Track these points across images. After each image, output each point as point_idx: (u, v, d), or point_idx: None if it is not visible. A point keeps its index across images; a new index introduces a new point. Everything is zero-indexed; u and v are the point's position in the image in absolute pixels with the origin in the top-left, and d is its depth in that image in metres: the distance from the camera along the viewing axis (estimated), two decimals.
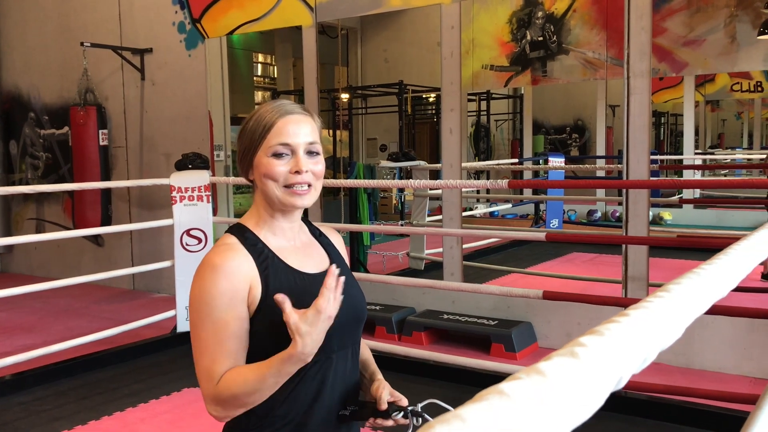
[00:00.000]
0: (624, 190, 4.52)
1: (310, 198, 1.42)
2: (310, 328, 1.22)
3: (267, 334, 1.35)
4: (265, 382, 1.27)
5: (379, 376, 1.52)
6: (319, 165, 1.42)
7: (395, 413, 1.39)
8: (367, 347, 1.61)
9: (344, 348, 1.44)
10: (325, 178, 1.51)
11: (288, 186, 1.40)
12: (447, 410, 1.32)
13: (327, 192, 7.49)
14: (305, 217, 1.54)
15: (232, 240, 1.41)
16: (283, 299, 1.24)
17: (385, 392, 1.43)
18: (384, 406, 1.40)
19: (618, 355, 0.61)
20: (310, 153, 1.42)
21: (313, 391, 1.39)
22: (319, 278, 1.42)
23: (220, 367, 1.31)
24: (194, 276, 1.37)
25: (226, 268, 1.34)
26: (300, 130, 1.40)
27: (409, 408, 1.40)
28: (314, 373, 1.38)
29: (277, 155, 1.39)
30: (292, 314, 1.23)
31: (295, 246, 1.47)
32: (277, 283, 1.37)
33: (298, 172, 1.39)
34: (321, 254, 1.51)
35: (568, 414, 0.51)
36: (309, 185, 1.41)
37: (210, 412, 1.33)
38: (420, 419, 1.37)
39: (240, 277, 1.34)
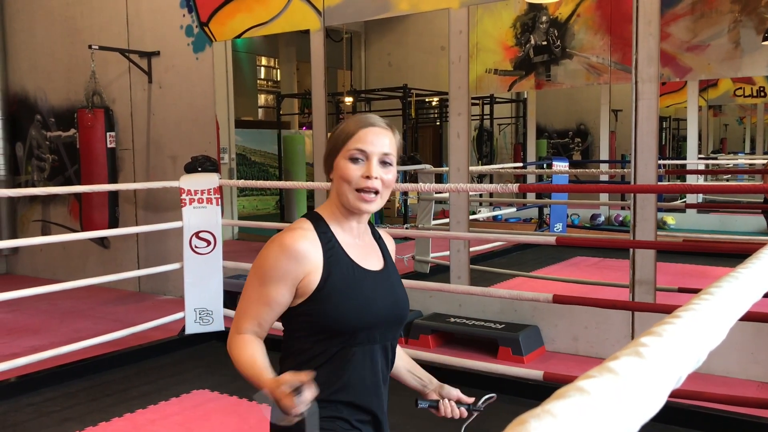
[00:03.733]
0: (632, 195, 4.54)
1: (376, 205, 1.57)
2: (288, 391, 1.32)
3: (317, 315, 1.51)
4: (244, 374, 1.49)
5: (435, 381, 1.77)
6: (389, 174, 1.56)
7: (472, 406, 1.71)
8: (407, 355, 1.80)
9: (383, 342, 1.58)
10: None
11: (359, 190, 1.53)
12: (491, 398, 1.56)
13: None
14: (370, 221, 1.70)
15: (308, 225, 1.57)
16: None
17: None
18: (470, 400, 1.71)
19: (678, 354, 0.63)
20: (384, 163, 1.55)
21: (344, 375, 1.53)
22: (373, 274, 1.61)
23: (246, 323, 1.54)
24: (265, 245, 1.56)
25: (291, 250, 1.51)
26: (378, 140, 1.54)
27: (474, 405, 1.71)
28: (351, 357, 1.52)
29: (353, 159, 1.53)
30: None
31: (358, 243, 1.63)
32: (337, 271, 1.53)
33: (368, 177, 1.52)
34: (378, 255, 1.68)
35: (640, 410, 0.53)
36: (377, 192, 1.55)
37: (228, 340, 1.57)
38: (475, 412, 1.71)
39: (300, 262, 1.51)
